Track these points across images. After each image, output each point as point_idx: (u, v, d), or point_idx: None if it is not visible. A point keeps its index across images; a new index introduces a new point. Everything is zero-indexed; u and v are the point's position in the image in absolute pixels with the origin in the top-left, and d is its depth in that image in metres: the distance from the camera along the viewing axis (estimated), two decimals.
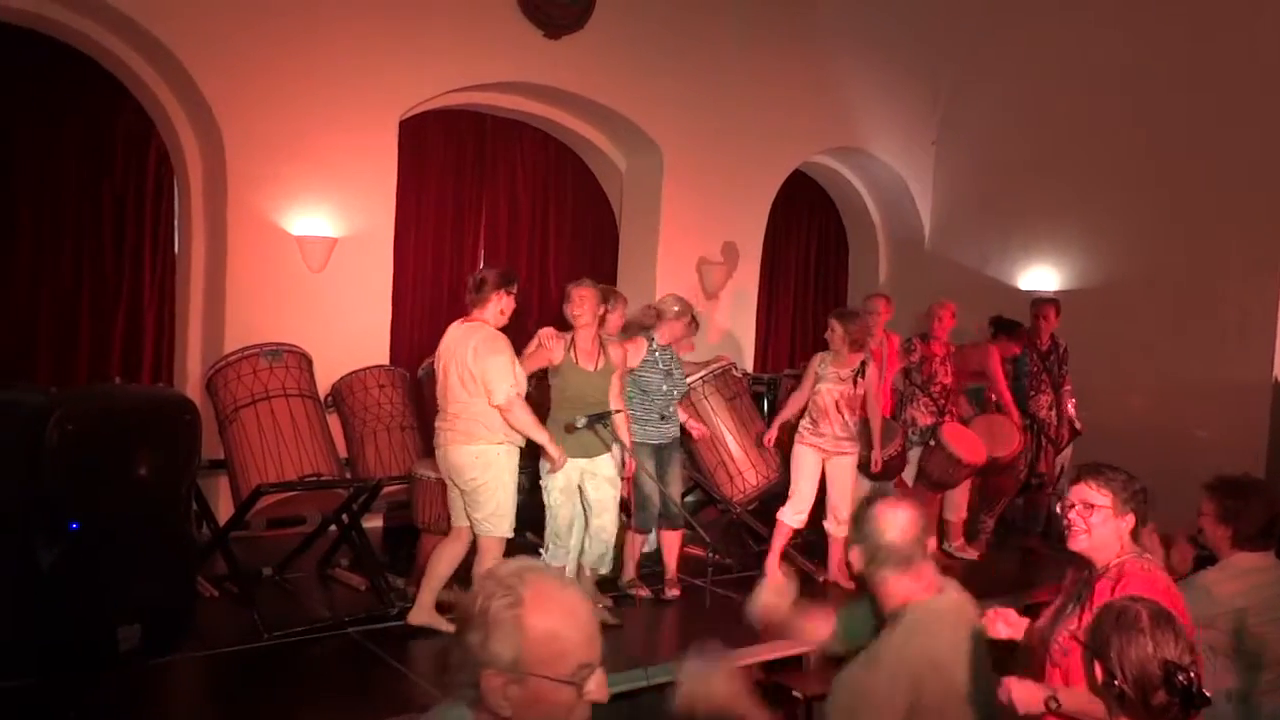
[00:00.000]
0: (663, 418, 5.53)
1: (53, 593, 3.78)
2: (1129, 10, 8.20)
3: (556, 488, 4.90)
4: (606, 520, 5.06)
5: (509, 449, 4.63)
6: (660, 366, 5.52)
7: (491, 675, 1.59)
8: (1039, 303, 7.37)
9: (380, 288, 6.86)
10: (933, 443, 6.42)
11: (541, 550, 5.06)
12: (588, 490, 5.01)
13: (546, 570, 1.71)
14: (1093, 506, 2.81)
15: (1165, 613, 2.18)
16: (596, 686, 1.63)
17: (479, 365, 4.51)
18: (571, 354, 4.97)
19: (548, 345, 4.93)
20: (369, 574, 5.41)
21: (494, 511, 4.60)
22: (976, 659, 2.63)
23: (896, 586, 2.64)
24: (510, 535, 4.67)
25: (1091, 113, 8.42)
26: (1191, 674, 2.05)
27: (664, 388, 5.51)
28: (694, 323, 5.77)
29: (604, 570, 5.24)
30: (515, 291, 4.71)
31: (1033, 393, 7.17)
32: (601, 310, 5.11)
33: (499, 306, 4.64)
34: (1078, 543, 2.84)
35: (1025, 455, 7.09)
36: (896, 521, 2.62)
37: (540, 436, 4.64)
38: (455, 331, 4.69)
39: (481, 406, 4.54)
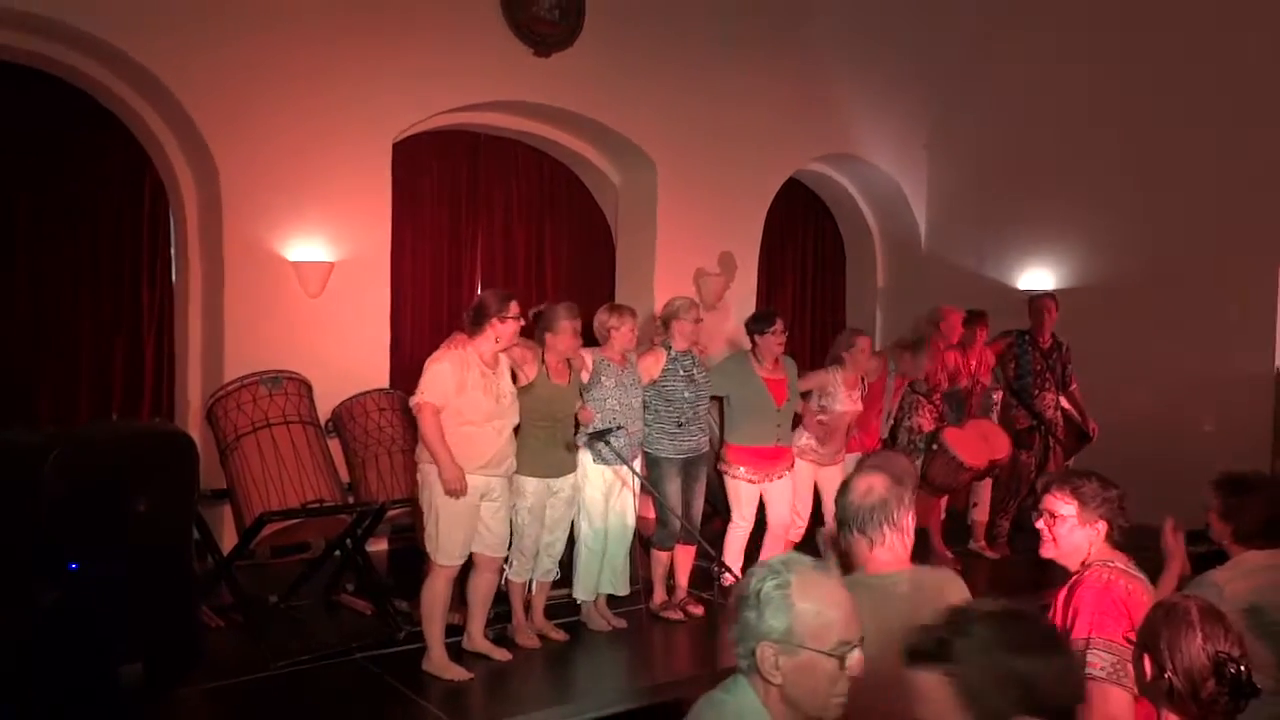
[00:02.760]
0: (689, 426, 5.49)
1: (53, 633, 3.74)
2: (1121, 11, 8.20)
3: (525, 508, 4.94)
4: (559, 536, 5.15)
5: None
6: (681, 373, 5.48)
7: (765, 646, 1.86)
8: (1037, 298, 7.35)
9: (378, 311, 6.86)
10: (935, 447, 6.39)
11: (505, 566, 5.06)
12: (547, 508, 5.06)
13: (809, 560, 1.97)
14: (1057, 516, 2.84)
15: (1214, 607, 2.20)
16: (855, 663, 1.86)
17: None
18: (544, 370, 4.97)
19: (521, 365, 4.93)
20: (375, 598, 5.41)
21: (430, 535, 4.60)
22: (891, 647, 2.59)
23: (855, 551, 2.65)
24: (445, 564, 4.59)
25: (1085, 111, 8.41)
26: (1241, 665, 2.07)
27: (687, 394, 5.48)
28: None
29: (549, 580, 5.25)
30: (509, 315, 4.62)
31: (1037, 391, 7.14)
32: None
33: (494, 335, 4.63)
34: (1046, 550, 2.89)
35: (1033, 456, 7.07)
36: (860, 486, 2.65)
37: (439, 452, 4.48)
38: None
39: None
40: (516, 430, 4.87)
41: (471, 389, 4.56)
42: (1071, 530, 2.82)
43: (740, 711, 1.91)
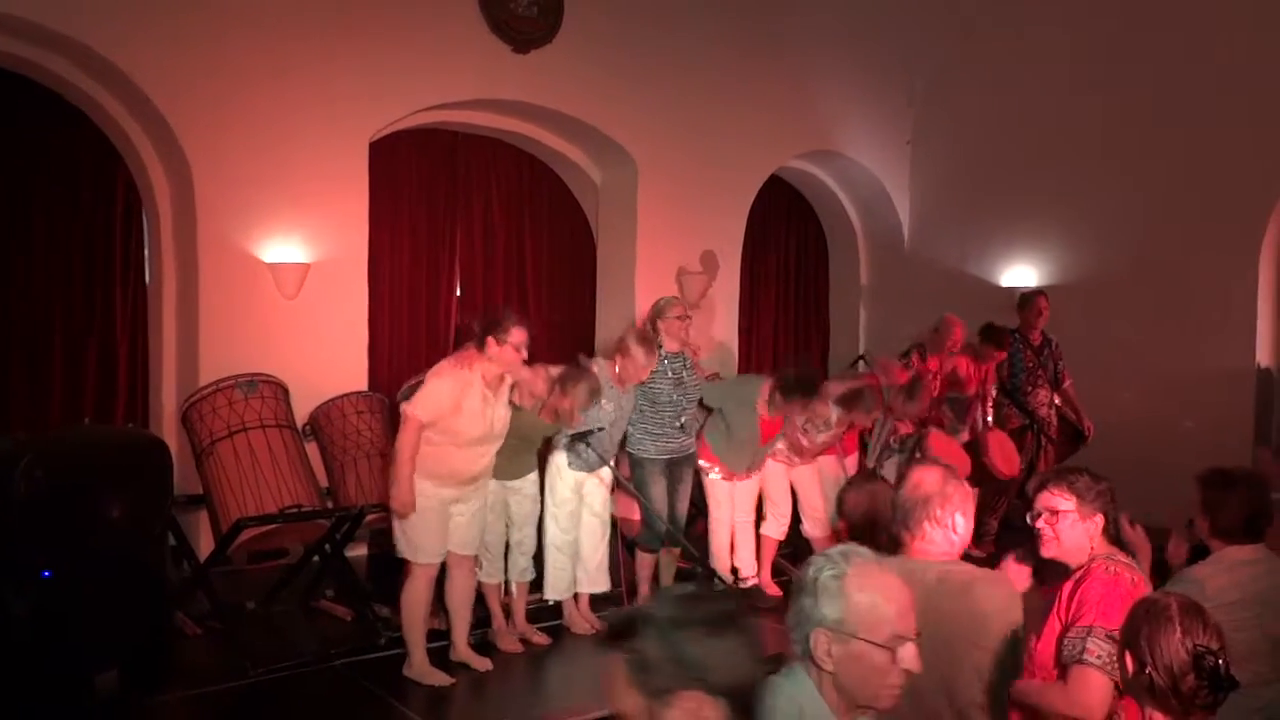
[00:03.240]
0: (675, 428, 5.46)
1: (27, 642, 3.69)
2: (1102, 7, 8.21)
3: (487, 506, 4.89)
4: (528, 533, 5.13)
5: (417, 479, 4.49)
6: (670, 375, 5.44)
7: (819, 633, 1.91)
8: (1030, 295, 7.35)
9: (356, 312, 6.78)
10: (918, 454, 6.34)
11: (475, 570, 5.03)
12: (510, 505, 5.03)
13: (868, 553, 2.01)
14: (1057, 512, 2.86)
15: (1194, 603, 2.21)
16: (909, 656, 1.90)
17: None
18: (539, 402, 4.90)
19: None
20: (354, 604, 5.35)
21: (398, 536, 4.57)
22: (943, 632, 2.54)
23: (901, 543, 2.80)
24: (424, 562, 4.55)
25: (1067, 108, 8.42)
26: (1220, 658, 2.09)
27: (674, 396, 5.44)
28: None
29: (528, 579, 5.22)
30: (509, 341, 4.45)
31: (1030, 389, 7.14)
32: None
33: (489, 354, 4.49)
34: (1048, 549, 2.90)
35: (1025, 455, 7.06)
36: (912, 480, 2.81)
37: (403, 469, 4.38)
38: None
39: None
40: None
41: (467, 413, 4.46)
42: (1073, 525, 2.84)
43: (794, 696, 1.96)
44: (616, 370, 5.17)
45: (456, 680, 4.59)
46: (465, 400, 4.44)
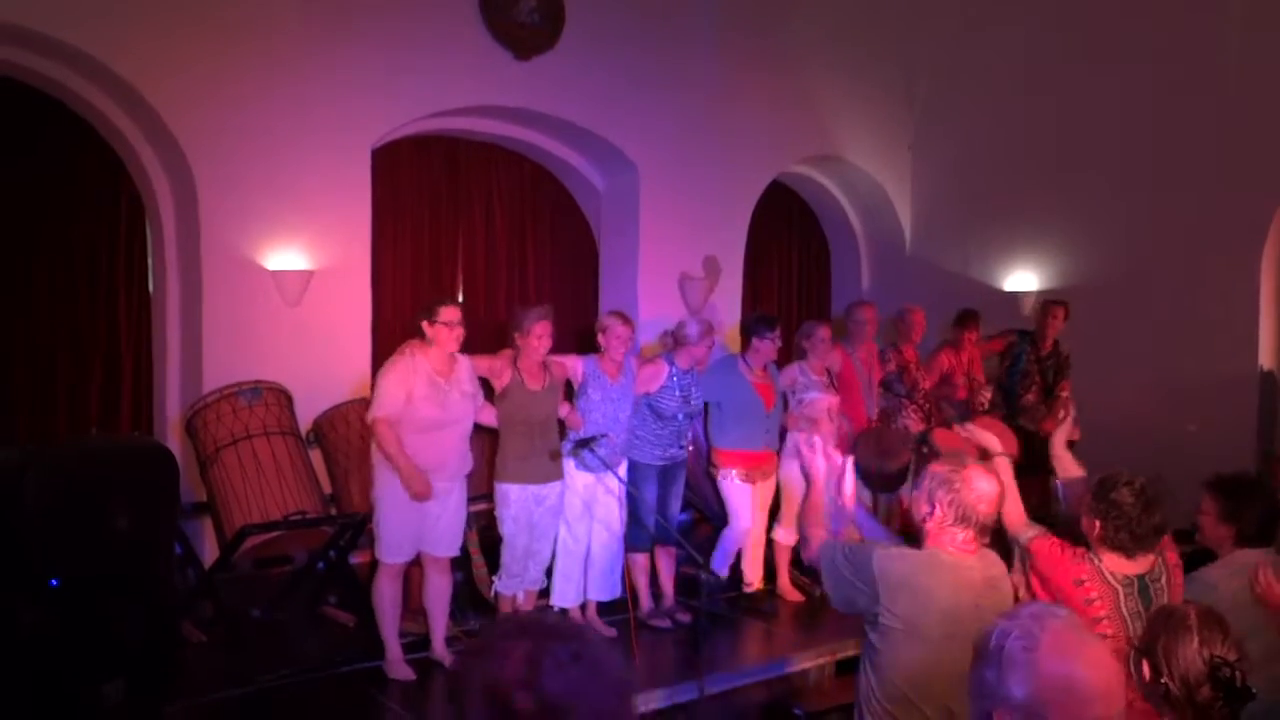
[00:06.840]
0: (675, 445, 5.47)
1: (35, 652, 3.69)
2: (1101, 13, 8.21)
3: (510, 517, 4.92)
4: (546, 545, 5.11)
5: (388, 470, 4.56)
6: (678, 393, 5.43)
7: (1003, 714, 1.61)
8: (1046, 304, 7.53)
9: (359, 319, 6.78)
10: (925, 449, 6.34)
11: (494, 578, 5.02)
12: (534, 517, 5.01)
13: (1070, 619, 1.70)
14: None
15: (1214, 613, 2.20)
16: None
17: None
18: (518, 375, 4.92)
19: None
20: (358, 611, 5.34)
21: (374, 528, 4.60)
22: (958, 623, 2.58)
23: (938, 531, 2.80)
24: (389, 562, 4.60)
25: (1067, 113, 8.42)
26: (1237, 670, 2.06)
27: (680, 416, 5.45)
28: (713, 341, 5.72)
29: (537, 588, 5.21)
30: (439, 320, 4.58)
31: (1021, 391, 7.17)
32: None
33: (431, 334, 4.62)
34: None
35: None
36: (975, 486, 2.77)
37: (400, 464, 4.46)
38: None
39: None
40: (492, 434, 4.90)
41: (418, 400, 4.53)
42: None
43: None
44: (606, 353, 5.21)
45: (418, 678, 4.64)
46: (414, 387, 4.52)
